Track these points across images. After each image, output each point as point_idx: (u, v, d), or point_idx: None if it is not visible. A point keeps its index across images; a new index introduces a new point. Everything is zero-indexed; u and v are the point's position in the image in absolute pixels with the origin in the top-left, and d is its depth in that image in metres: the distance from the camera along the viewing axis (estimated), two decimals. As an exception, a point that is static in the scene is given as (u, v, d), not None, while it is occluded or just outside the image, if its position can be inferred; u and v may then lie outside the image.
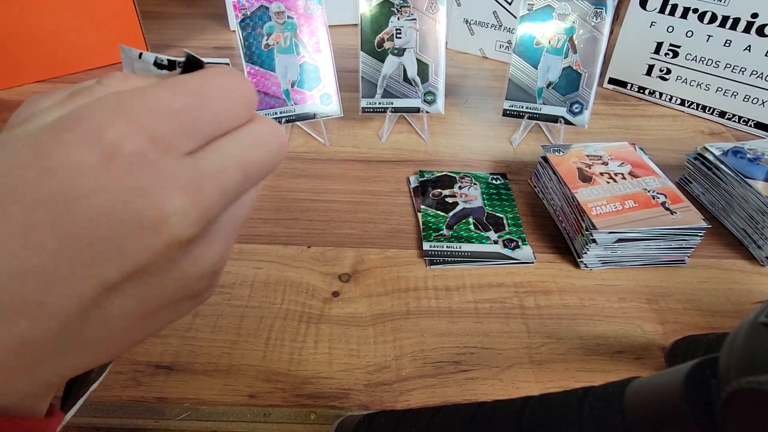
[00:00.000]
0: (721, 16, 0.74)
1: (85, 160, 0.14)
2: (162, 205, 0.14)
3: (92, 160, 0.14)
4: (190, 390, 0.41)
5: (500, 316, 0.48)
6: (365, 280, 0.51)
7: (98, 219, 0.14)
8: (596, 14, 0.66)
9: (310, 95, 0.68)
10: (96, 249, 0.14)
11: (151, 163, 0.14)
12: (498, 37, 0.94)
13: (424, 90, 0.71)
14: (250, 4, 0.63)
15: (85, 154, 0.14)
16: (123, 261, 0.14)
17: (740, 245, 0.57)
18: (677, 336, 0.46)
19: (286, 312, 0.48)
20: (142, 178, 0.14)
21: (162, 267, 0.15)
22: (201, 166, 0.16)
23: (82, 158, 0.14)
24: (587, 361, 0.45)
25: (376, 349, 0.45)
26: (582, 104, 0.69)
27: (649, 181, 0.56)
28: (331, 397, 0.41)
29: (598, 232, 0.50)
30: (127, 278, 0.15)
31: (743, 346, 0.17)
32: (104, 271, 0.14)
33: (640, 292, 0.51)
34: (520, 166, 0.69)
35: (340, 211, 0.60)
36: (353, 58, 0.73)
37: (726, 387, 0.17)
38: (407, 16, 0.69)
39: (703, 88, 0.80)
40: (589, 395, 0.24)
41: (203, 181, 0.15)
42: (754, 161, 0.58)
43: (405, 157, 0.69)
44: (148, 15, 1.01)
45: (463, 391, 0.42)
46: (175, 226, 0.15)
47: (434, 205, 0.60)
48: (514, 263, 0.53)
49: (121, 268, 0.14)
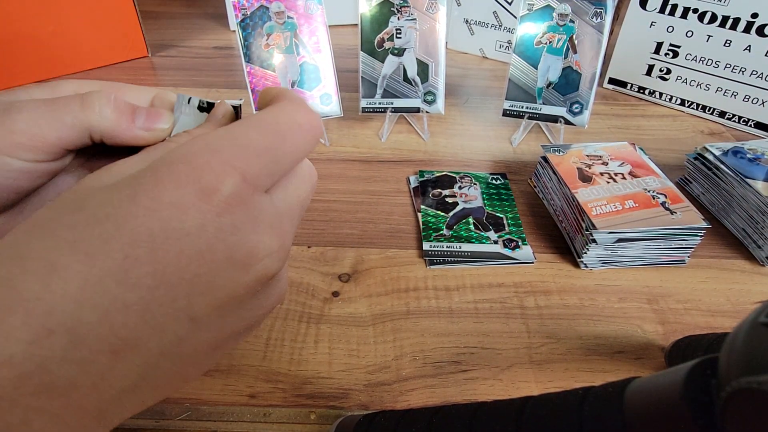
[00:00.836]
0: (721, 16, 0.74)
1: (185, 200, 0.14)
2: (255, 243, 0.15)
3: (192, 200, 0.14)
4: (190, 390, 0.41)
5: (500, 316, 0.48)
6: (365, 280, 0.51)
7: (196, 256, 0.14)
8: (596, 14, 0.66)
9: (310, 95, 0.68)
10: (191, 285, 0.14)
11: (245, 202, 0.15)
12: (498, 37, 0.94)
13: (424, 90, 0.71)
14: (250, 4, 0.63)
15: (186, 194, 0.14)
16: (213, 295, 0.14)
17: (740, 245, 0.57)
18: (677, 336, 0.46)
19: (286, 312, 0.48)
20: (238, 217, 0.15)
21: (244, 301, 0.16)
22: (278, 204, 0.16)
23: (182, 198, 0.14)
24: (587, 361, 0.45)
25: (376, 349, 0.45)
26: (582, 104, 0.69)
27: (649, 181, 0.56)
28: (331, 397, 0.41)
29: (598, 232, 0.50)
30: (213, 312, 0.15)
31: (743, 346, 0.17)
32: (195, 306, 0.14)
33: (640, 292, 0.51)
34: (520, 166, 0.69)
35: (340, 211, 0.60)
36: (353, 58, 0.73)
37: (726, 387, 0.17)
38: (407, 16, 0.69)
39: (703, 88, 0.80)
40: (589, 395, 0.24)
41: (282, 219, 0.16)
42: (754, 161, 0.58)
43: (405, 157, 0.69)
44: (148, 15, 1.01)
45: (463, 391, 0.42)
46: (266, 261, 0.15)
47: (434, 205, 0.60)
48: (514, 263, 0.53)
49: (210, 302, 0.14)
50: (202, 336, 0.15)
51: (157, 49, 0.94)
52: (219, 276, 0.14)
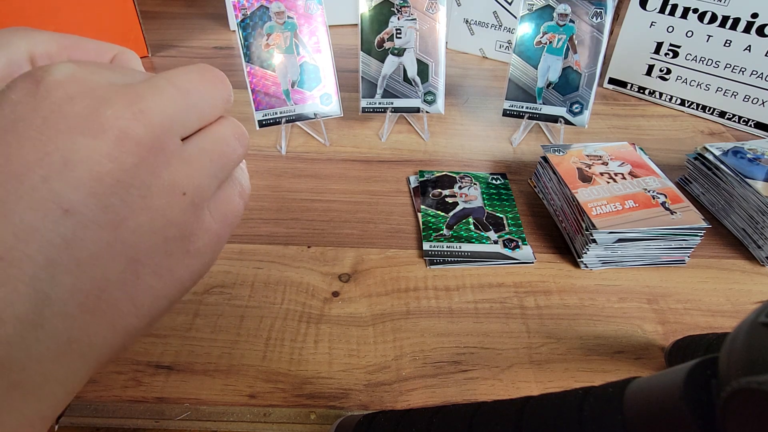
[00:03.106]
0: (721, 16, 0.74)
1: (15, 90, 0.14)
2: (98, 102, 0.14)
3: (21, 87, 0.14)
4: (190, 390, 0.41)
5: (500, 316, 0.48)
6: (365, 280, 0.51)
7: (34, 133, 0.13)
8: (596, 14, 0.66)
9: (310, 95, 0.68)
10: (42, 166, 0.13)
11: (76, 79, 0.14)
12: (498, 37, 0.94)
13: (424, 90, 0.71)
14: (250, 4, 0.63)
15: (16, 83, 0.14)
16: (74, 175, 0.13)
17: (740, 245, 0.57)
18: (677, 336, 0.46)
19: (286, 312, 0.48)
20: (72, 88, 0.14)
21: (123, 180, 0.14)
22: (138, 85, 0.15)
23: (11, 88, 0.14)
24: (587, 361, 0.45)
25: (376, 349, 0.45)
26: (582, 104, 0.69)
27: (649, 181, 0.56)
28: (331, 397, 0.41)
29: (598, 232, 0.50)
30: (89, 200, 0.13)
31: (743, 346, 0.17)
32: (61, 193, 0.13)
33: (640, 292, 0.51)
34: (520, 166, 0.69)
35: (340, 211, 0.60)
36: (353, 58, 0.73)
37: (726, 387, 0.17)
38: (407, 16, 0.69)
39: (703, 88, 0.80)
40: (589, 395, 0.24)
41: (141, 92, 0.15)
42: (754, 161, 0.58)
43: (405, 157, 0.69)
44: (148, 15, 1.01)
45: (463, 391, 0.42)
46: (121, 122, 0.14)
47: (434, 205, 0.60)
48: (514, 263, 0.53)
49: (75, 184, 0.13)
50: (94, 235, 0.14)
51: (157, 49, 0.94)
52: (70, 150, 0.13)
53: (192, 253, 0.17)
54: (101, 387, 0.41)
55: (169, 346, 0.44)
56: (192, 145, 0.16)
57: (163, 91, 0.15)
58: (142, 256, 0.15)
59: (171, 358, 0.43)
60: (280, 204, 0.60)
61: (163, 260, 0.16)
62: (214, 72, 0.18)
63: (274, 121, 0.67)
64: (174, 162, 0.15)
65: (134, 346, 0.44)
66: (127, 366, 0.42)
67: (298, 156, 0.68)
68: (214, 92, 0.17)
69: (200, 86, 0.17)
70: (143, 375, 0.42)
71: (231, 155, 0.18)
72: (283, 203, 0.60)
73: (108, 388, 0.41)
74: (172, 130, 0.15)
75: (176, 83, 0.16)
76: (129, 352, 0.43)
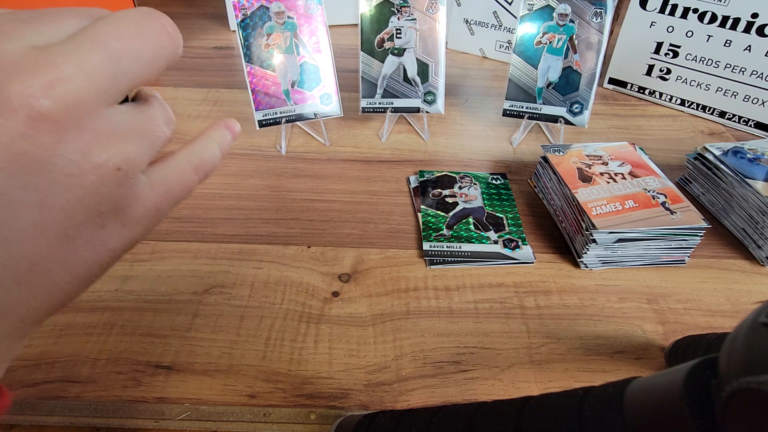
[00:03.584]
0: (721, 16, 0.74)
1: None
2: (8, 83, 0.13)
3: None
4: (190, 390, 0.41)
5: (500, 316, 0.48)
6: (365, 280, 0.51)
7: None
8: (596, 14, 0.66)
9: (310, 95, 0.68)
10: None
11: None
12: (498, 37, 0.94)
13: (424, 90, 0.71)
14: (250, 4, 0.63)
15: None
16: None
17: (740, 245, 0.57)
18: (677, 336, 0.46)
19: (286, 312, 0.48)
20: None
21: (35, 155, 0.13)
22: (54, 49, 0.14)
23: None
24: (587, 361, 0.45)
25: (376, 349, 0.45)
26: (582, 104, 0.69)
27: (649, 181, 0.56)
28: (331, 397, 0.41)
29: (598, 232, 0.50)
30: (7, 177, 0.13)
31: (743, 346, 0.17)
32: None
33: (640, 292, 0.51)
34: (520, 166, 0.69)
35: (340, 211, 0.60)
36: (353, 58, 0.73)
37: (726, 387, 0.17)
38: (407, 16, 0.69)
39: (703, 88, 0.80)
40: (589, 395, 0.24)
41: (57, 59, 0.13)
42: (754, 161, 0.58)
43: (405, 157, 0.69)
44: (148, 15, 1.01)
45: (463, 391, 0.42)
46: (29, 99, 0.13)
47: (434, 205, 0.60)
48: (514, 263, 0.53)
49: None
50: (19, 213, 0.13)
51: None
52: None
53: (127, 225, 0.16)
54: (101, 387, 0.41)
55: (169, 346, 0.44)
56: (123, 117, 0.15)
57: (87, 56, 0.14)
58: (73, 231, 0.15)
59: (171, 358, 0.43)
60: (280, 204, 0.60)
61: (96, 233, 0.15)
62: (156, 20, 0.16)
63: (274, 121, 0.67)
64: (102, 137, 0.14)
65: (134, 346, 0.44)
66: (127, 366, 0.42)
67: (298, 156, 0.68)
68: (154, 49, 0.16)
69: (136, 44, 0.15)
70: (143, 375, 0.42)
71: (161, 137, 0.17)
72: (282, 203, 0.60)
73: (108, 388, 0.41)
74: (94, 103, 0.14)
75: (104, 43, 0.14)
76: (129, 352, 0.43)
